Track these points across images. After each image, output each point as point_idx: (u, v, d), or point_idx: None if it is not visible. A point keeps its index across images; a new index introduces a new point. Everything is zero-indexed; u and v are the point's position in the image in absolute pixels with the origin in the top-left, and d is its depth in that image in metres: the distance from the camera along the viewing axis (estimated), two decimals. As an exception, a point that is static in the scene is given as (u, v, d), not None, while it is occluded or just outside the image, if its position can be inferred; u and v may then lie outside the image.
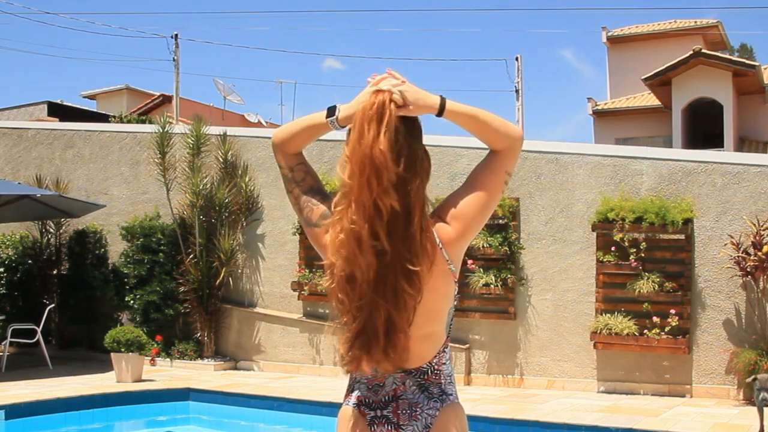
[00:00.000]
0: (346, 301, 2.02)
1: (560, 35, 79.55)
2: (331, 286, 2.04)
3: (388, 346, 2.01)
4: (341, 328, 2.05)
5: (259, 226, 11.46)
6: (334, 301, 2.05)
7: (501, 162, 2.14)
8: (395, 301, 1.99)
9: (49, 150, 13.02)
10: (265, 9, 76.62)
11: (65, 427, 8.18)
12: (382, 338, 2.00)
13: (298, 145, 2.26)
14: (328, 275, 2.06)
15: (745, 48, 39.79)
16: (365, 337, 2.01)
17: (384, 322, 2.00)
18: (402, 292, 1.99)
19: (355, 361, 2.03)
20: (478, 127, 2.12)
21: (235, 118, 26.36)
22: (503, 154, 2.14)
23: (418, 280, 2.00)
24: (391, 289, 1.99)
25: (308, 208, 2.21)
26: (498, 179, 2.14)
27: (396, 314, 2.00)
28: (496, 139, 2.13)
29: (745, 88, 20.56)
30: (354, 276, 1.99)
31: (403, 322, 2.01)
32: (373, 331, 2.00)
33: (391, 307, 1.99)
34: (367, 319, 2.00)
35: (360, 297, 2.00)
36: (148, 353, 10.36)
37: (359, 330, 2.01)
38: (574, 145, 10.24)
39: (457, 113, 2.10)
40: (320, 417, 8.07)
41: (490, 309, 10.02)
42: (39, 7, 47.68)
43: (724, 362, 9.01)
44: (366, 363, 2.02)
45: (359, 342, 2.01)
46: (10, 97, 75.89)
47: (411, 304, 2.01)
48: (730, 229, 9.02)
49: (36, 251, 12.41)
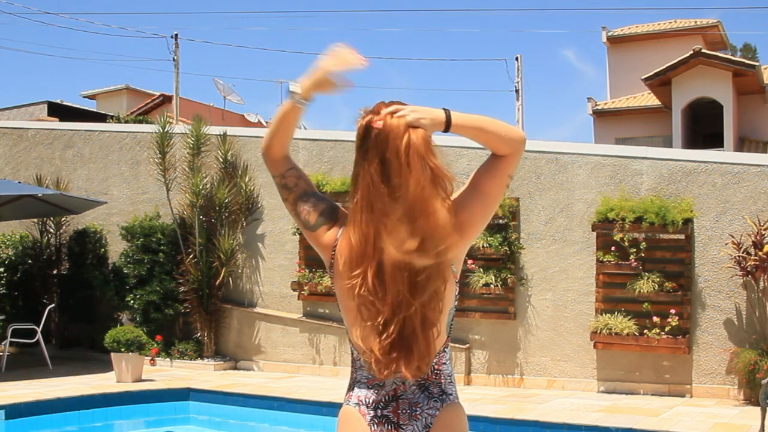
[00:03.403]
0: (377, 303, 2.01)
1: (560, 35, 79.53)
2: (360, 289, 2.02)
3: (425, 348, 2.02)
4: (370, 330, 2.03)
5: (259, 226, 11.46)
6: (360, 302, 2.03)
7: (504, 165, 2.17)
8: (428, 299, 2.01)
9: (49, 150, 13.02)
10: (265, 9, 76.63)
11: (65, 427, 8.17)
12: (420, 337, 2.01)
13: (282, 144, 2.29)
14: (352, 274, 2.04)
15: (749, 47, 39.81)
16: (403, 339, 2.01)
17: (421, 321, 2.01)
18: (433, 288, 2.01)
19: (393, 363, 2.02)
20: (485, 137, 2.14)
21: (235, 118, 26.36)
22: (507, 158, 2.16)
23: (446, 269, 2.03)
24: (422, 287, 2.00)
25: (305, 212, 2.22)
26: (500, 182, 2.17)
27: (429, 311, 2.02)
28: (501, 145, 2.15)
29: (745, 88, 20.55)
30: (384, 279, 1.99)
31: (436, 317, 2.03)
32: (411, 332, 2.01)
33: (425, 305, 2.01)
34: (404, 320, 2.00)
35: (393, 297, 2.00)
36: (148, 353, 10.36)
37: (398, 332, 2.01)
38: (574, 145, 10.24)
39: (462, 127, 2.11)
40: (320, 417, 8.07)
41: (490, 309, 10.02)
42: (39, 7, 47.69)
43: (725, 362, 9.01)
44: (405, 366, 2.02)
45: (397, 344, 2.01)
46: (10, 97, 75.88)
47: (440, 296, 2.03)
48: (730, 229, 9.02)
49: (36, 251, 12.41)
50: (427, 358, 2.03)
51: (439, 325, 2.04)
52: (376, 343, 2.02)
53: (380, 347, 2.01)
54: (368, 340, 2.04)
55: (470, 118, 2.12)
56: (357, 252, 2.04)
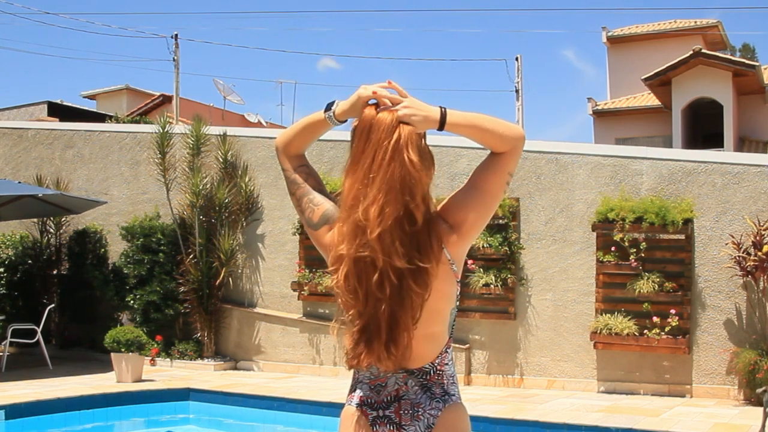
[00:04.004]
0: (353, 297, 2.02)
1: (560, 35, 79.55)
2: (339, 284, 2.05)
3: (390, 343, 2.01)
4: (348, 324, 2.06)
5: (259, 226, 11.46)
6: (341, 297, 2.06)
7: (503, 163, 2.13)
8: (399, 298, 2.00)
9: (49, 150, 13.02)
10: (265, 9, 76.63)
11: (65, 427, 8.17)
12: (384, 334, 2.01)
13: (300, 146, 2.28)
14: (335, 272, 2.06)
15: (748, 48, 39.85)
16: (368, 333, 2.02)
17: (387, 319, 2.00)
18: (407, 290, 2.00)
19: (357, 357, 2.04)
20: (481, 135, 2.11)
21: (235, 118, 26.35)
22: (505, 156, 2.13)
23: (426, 277, 2.01)
24: (396, 287, 1.99)
25: (309, 210, 2.22)
26: (500, 180, 2.13)
27: (399, 311, 2.00)
28: (500, 144, 2.11)
29: (745, 88, 20.55)
30: (360, 273, 2.00)
31: (407, 319, 2.01)
32: (375, 327, 2.01)
33: (395, 304, 2.00)
34: (371, 315, 2.01)
35: (366, 294, 2.01)
36: (148, 353, 10.36)
37: (363, 326, 2.02)
38: (574, 145, 10.24)
39: (457, 125, 2.08)
40: (320, 417, 8.08)
41: (490, 309, 10.02)
42: (39, 7, 47.70)
43: (725, 362, 9.01)
44: (366, 358, 2.03)
45: (363, 338, 2.02)
46: (10, 97, 75.89)
47: (417, 302, 2.01)
48: (730, 229, 9.02)
49: (36, 251, 12.40)
50: (396, 356, 2.02)
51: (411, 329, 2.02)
52: (347, 336, 2.06)
53: (350, 339, 2.05)
54: (345, 332, 2.08)
55: (466, 117, 2.09)
56: (337, 246, 2.06)
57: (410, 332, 2.03)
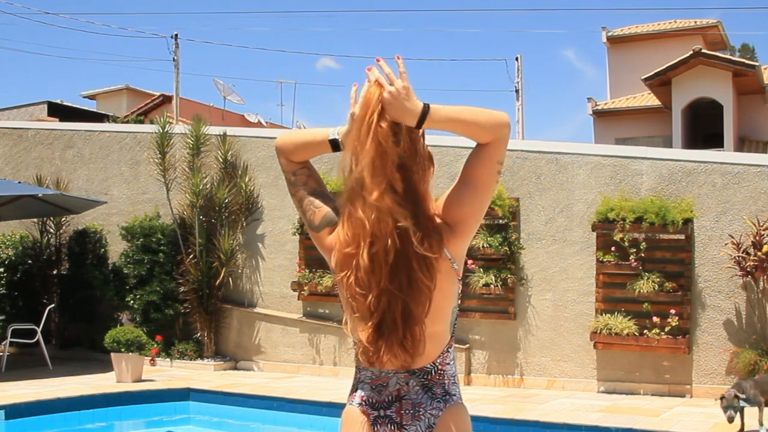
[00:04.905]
0: (364, 295, 2.01)
1: (560, 35, 79.55)
2: (349, 282, 2.03)
3: (406, 336, 2.01)
4: (359, 321, 2.04)
5: (259, 226, 11.46)
6: (351, 296, 2.04)
7: (490, 153, 2.08)
8: (410, 290, 1.99)
9: (49, 150, 13.02)
10: (265, 9, 76.63)
11: (65, 427, 8.17)
12: (400, 328, 2.01)
13: (303, 156, 2.25)
14: (343, 269, 2.05)
15: (747, 48, 39.87)
16: (384, 328, 2.01)
17: (401, 312, 2.00)
18: (418, 282, 1.99)
19: (377, 352, 2.02)
20: (463, 128, 2.06)
21: (235, 118, 26.35)
22: (492, 145, 2.08)
23: (432, 267, 2.01)
24: (406, 278, 1.99)
25: (310, 211, 2.21)
26: (490, 171, 2.09)
27: (413, 305, 2.00)
28: (483, 134, 2.07)
29: (745, 88, 20.55)
30: (372, 265, 1.99)
31: (419, 312, 2.01)
32: (391, 321, 2.01)
33: (408, 297, 2.00)
34: (385, 310, 2.00)
35: (378, 288, 1.99)
36: (148, 353, 10.35)
37: (378, 322, 2.01)
38: (574, 145, 10.24)
39: (437, 122, 2.02)
40: (320, 417, 8.08)
41: (490, 309, 10.02)
42: (39, 7, 47.70)
43: (724, 362, 9.01)
44: (386, 353, 2.02)
45: (380, 334, 2.01)
46: (10, 97, 75.84)
47: (426, 294, 2.01)
48: (730, 229, 9.02)
49: (36, 251, 12.40)
50: (412, 350, 2.02)
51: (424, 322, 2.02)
52: (363, 333, 2.03)
53: (366, 336, 2.02)
54: (356, 331, 2.06)
55: (446, 112, 2.02)
56: (345, 245, 2.05)
57: (422, 325, 2.02)
